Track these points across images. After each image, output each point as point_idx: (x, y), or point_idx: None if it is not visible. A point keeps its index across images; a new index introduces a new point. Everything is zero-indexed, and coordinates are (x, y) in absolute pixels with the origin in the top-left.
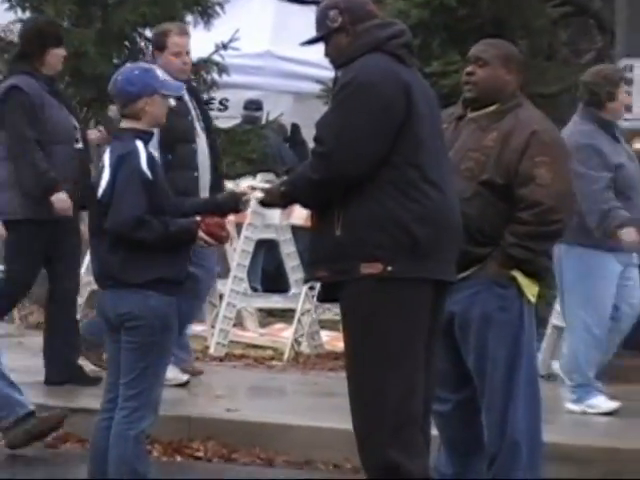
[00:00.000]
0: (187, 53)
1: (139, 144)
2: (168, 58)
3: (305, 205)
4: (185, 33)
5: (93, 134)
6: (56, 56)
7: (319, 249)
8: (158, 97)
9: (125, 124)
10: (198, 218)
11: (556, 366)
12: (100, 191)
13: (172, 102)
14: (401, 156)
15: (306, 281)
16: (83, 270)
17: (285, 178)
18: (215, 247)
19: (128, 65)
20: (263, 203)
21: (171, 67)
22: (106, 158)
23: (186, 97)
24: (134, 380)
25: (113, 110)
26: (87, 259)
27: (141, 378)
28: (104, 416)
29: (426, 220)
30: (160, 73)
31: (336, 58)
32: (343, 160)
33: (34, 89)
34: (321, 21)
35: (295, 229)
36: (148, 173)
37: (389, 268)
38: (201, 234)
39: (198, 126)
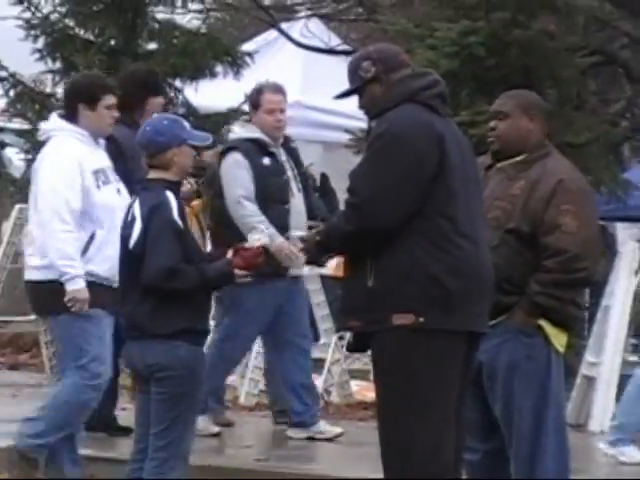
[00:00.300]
0: (281, 111)
1: (169, 194)
2: (262, 116)
3: (339, 254)
4: (279, 91)
5: (208, 156)
6: (155, 105)
7: (351, 299)
8: (186, 147)
9: (153, 175)
10: (229, 255)
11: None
12: (132, 242)
13: (266, 161)
14: (433, 207)
15: (338, 330)
16: None
17: (321, 227)
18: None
19: (156, 115)
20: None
21: (265, 124)
22: (136, 209)
23: (283, 157)
24: (164, 431)
25: (209, 155)
26: None
27: (171, 429)
28: (134, 466)
29: (457, 272)
30: (187, 124)
31: (370, 109)
32: (376, 212)
33: (128, 140)
34: (354, 73)
35: (324, 279)
36: (180, 223)
37: (421, 319)
38: (237, 272)
39: (294, 186)
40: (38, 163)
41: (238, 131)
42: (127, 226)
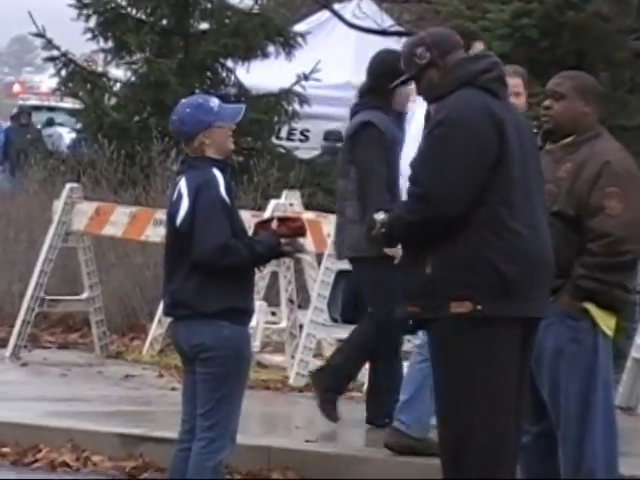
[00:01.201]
0: (516, 94)
1: (216, 171)
2: None
3: (405, 244)
4: (517, 74)
5: None
6: (405, 93)
7: (409, 284)
8: (216, 129)
9: (198, 153)
10: (274, 225)
11: None
12: (179, 220)
13: None
14: (493, 194)
15: (397, 314)
16: None
17: (385, 219)
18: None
19: (183, 101)
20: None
21: None
22: (183, 187)
23: None
24: (211, 411)
25: None
26: None
27: (217, 409)
28: (182, 446)
29: (516, 259)
30: (215, 102)
31: (429, 93)
32: (441, 201)
33: (386, 125)
34: (409, 60)
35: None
36: (227, 199)
37: (478, 307)
38: (284, 240)
39: None
40: None
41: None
42: (174, 204)
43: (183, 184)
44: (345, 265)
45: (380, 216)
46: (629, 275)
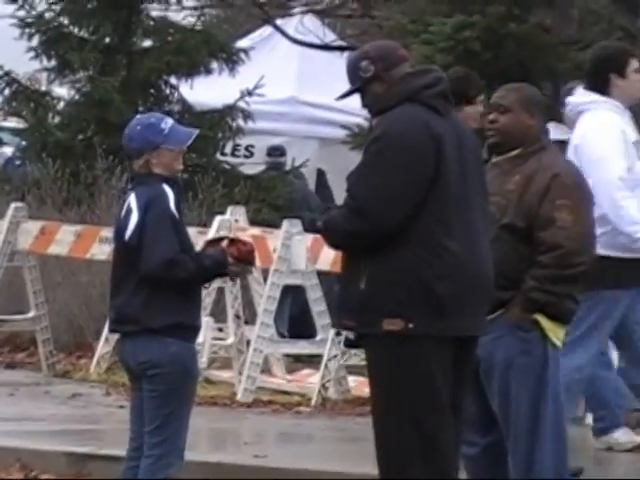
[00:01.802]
0: None
1: (166, 187)
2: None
3: (334, 248)
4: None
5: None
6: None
7: (346, 298)
8: (164, 150)
9: (147, 170)
10: (224, 244)
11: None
12: (128, 233)
13: None
14: (428, 211)
15: (333, 326)
16: None
17: (324, 216)
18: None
19: (138, 117)
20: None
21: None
22: (133, 202)
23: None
24: (158, 428)
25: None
26: None
27: (165, 426)
28: (130, 464)
29: (449, 277)
30: (167, 124)
31: (372, 106)
32: (375, 217)
33: None
34: (353, 73)
35: (320, 273)
36: (176, 214)
37: (410, 325)
38: (231, 260)
39: None
40: (579, 139)
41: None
42: (123, 219)
43: (133, 199)
44: (291, 280)
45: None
46: (579, 287)
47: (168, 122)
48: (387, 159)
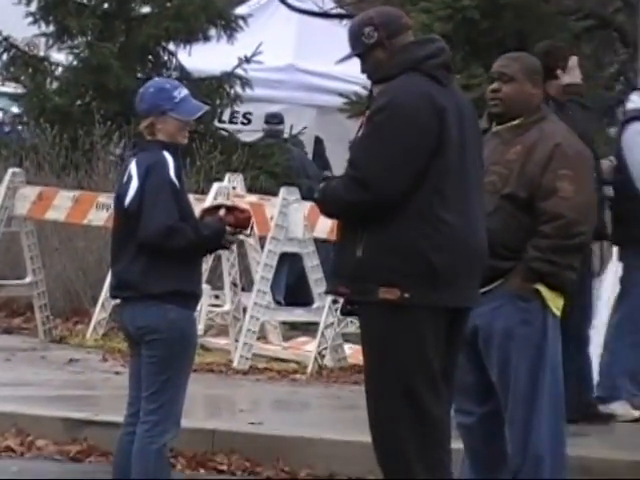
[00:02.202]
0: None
1: (166, 154)
2: None
3: (330, 217)
4: None
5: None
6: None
7: (341, 265)
8: (170, 118)
9: (149, 137)
10: (221, 213)
11: None
12: (127, 200)
13: None
14: (428, 182)
15: (327, 292)
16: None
17: (322, 185)
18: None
19: (154, 80)
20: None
21: None
22: (133, 169)
23: None
24: (155, 394)
25: None
26: None
27: (162, 392)
28: (127, 430)
29: (445, 248)
30: (180, 93)
31: (373, 73)
32: (379, 187)
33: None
34: (356, 38)
35: (317, 240)
36: (176, 182)
37: (406, 295)
38: (229, 229)
39: None
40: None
41: (637, 100)
42: (123, 185)
43: (133, 166)
44: (288, 247)
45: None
46: (579, 256)
47: (182, 92)
48: (391, 129)
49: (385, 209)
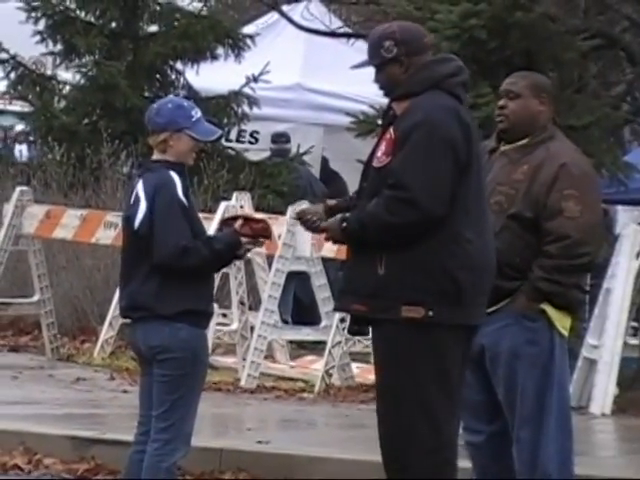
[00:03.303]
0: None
1: (173, 173)
2: None
3: (367, 243)
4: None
5: None
6: None
7: (357, 283)
8: (185, 136)
9: (155, 156)
10: (237, 225)
11: None
12: (137, 222)
13: None
14: (456, 200)
15: (336, 310)
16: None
17: (347, 215)
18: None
19: (170, 97)
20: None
21: None
22: (140, 190)
23: None
24: (166, 412)
25: None
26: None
27: (173, 411)
28: (137, 448)
29: (469, 266)
30: (197, 114)
31: (389, 88)
32: (427, 205)
33: None
34: (375, 49)
35: (324, 260)
36: (184, 200)
37: (430, 313)
38: (245, 240)
39: None
40: None
41: None
42: (131, 207)
43: (140, 187)
44: (295, 266)
45: (302, 207)
46: (585, 276)
47: (198, 113)
48: (431, 146)
49: (435, 225)
